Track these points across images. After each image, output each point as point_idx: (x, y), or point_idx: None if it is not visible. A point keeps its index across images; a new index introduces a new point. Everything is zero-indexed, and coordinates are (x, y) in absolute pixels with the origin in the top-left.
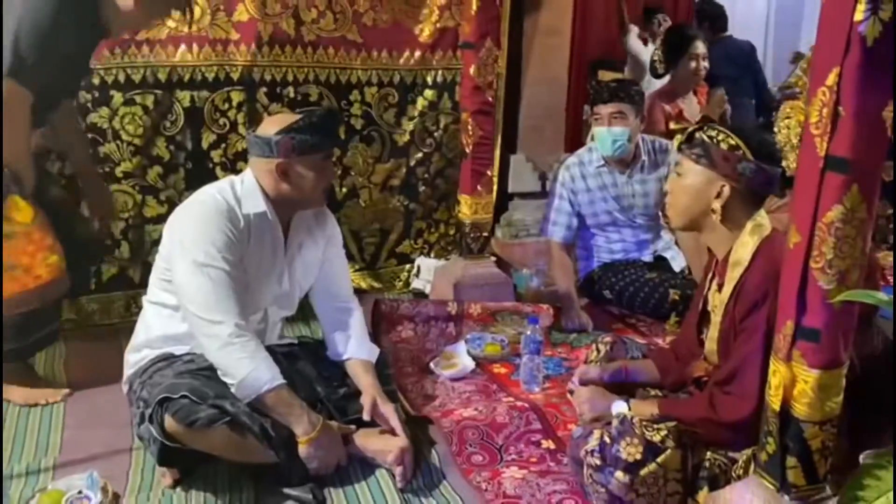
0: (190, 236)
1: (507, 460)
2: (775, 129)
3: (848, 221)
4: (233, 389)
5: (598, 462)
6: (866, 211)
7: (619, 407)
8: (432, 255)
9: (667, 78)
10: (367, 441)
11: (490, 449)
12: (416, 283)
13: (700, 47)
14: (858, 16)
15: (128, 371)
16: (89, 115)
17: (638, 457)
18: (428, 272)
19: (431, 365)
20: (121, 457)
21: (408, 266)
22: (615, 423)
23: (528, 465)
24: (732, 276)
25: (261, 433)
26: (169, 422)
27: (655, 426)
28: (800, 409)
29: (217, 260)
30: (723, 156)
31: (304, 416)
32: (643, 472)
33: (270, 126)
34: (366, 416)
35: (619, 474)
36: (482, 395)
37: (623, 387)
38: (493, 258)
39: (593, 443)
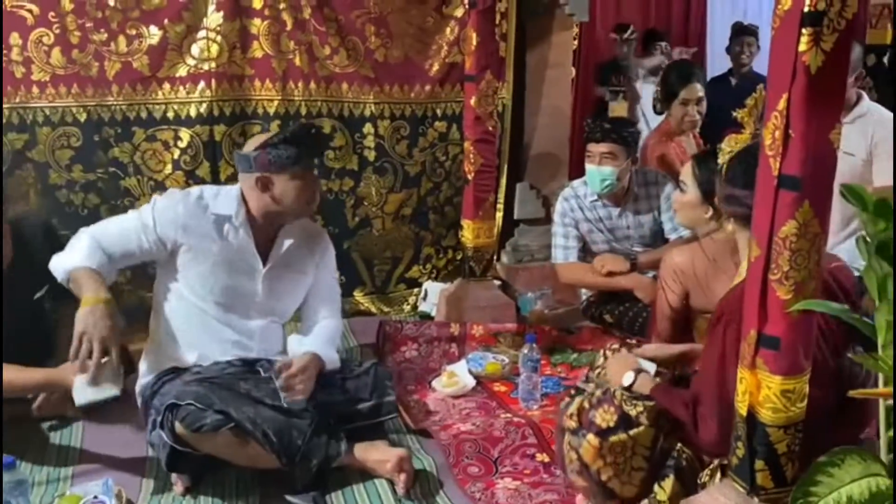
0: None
1: (501, 472)
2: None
3: (802, 235)
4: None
5: (575, 425)
6: (819, 225)
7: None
8: (440, 279)
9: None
10: (366, 453)
11: (486, 461)
12: (423, 307)
13: (695, 91)
14: (802, 46)
15: (141, 382)
16: (111, 150)
17: (611, 424)
18: (434, 296)
19: (433, 383)
20: (135, 466)
21: (416, 290)
22: (597, 392)
23: (522, 476)
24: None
25: (263, 438)
26: (178, 427)
27: (634, 401)
28: (765, 415)
29: (146, 213)
30: None
31: (96, 287)
32: (613, 438)
33: (252, 143)
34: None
35: (590, 437)
36: (481, 412)
37: None
38: (498, 282)
39: (573, 407)
